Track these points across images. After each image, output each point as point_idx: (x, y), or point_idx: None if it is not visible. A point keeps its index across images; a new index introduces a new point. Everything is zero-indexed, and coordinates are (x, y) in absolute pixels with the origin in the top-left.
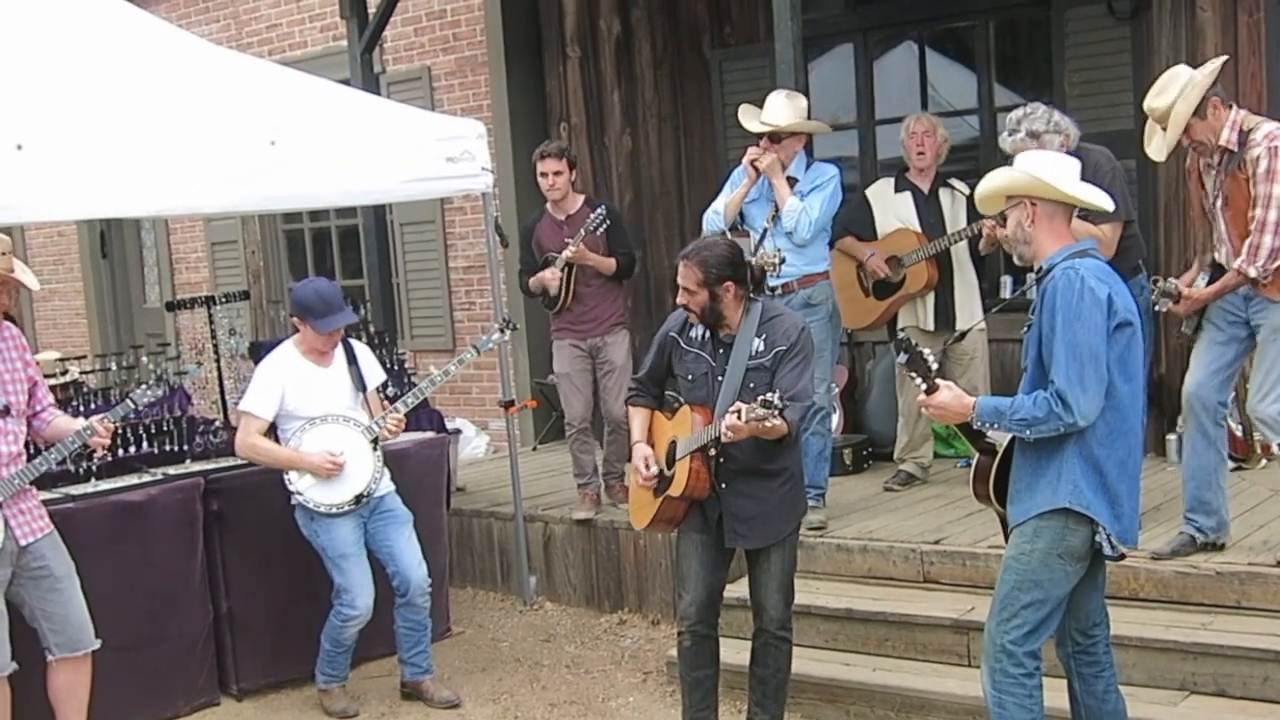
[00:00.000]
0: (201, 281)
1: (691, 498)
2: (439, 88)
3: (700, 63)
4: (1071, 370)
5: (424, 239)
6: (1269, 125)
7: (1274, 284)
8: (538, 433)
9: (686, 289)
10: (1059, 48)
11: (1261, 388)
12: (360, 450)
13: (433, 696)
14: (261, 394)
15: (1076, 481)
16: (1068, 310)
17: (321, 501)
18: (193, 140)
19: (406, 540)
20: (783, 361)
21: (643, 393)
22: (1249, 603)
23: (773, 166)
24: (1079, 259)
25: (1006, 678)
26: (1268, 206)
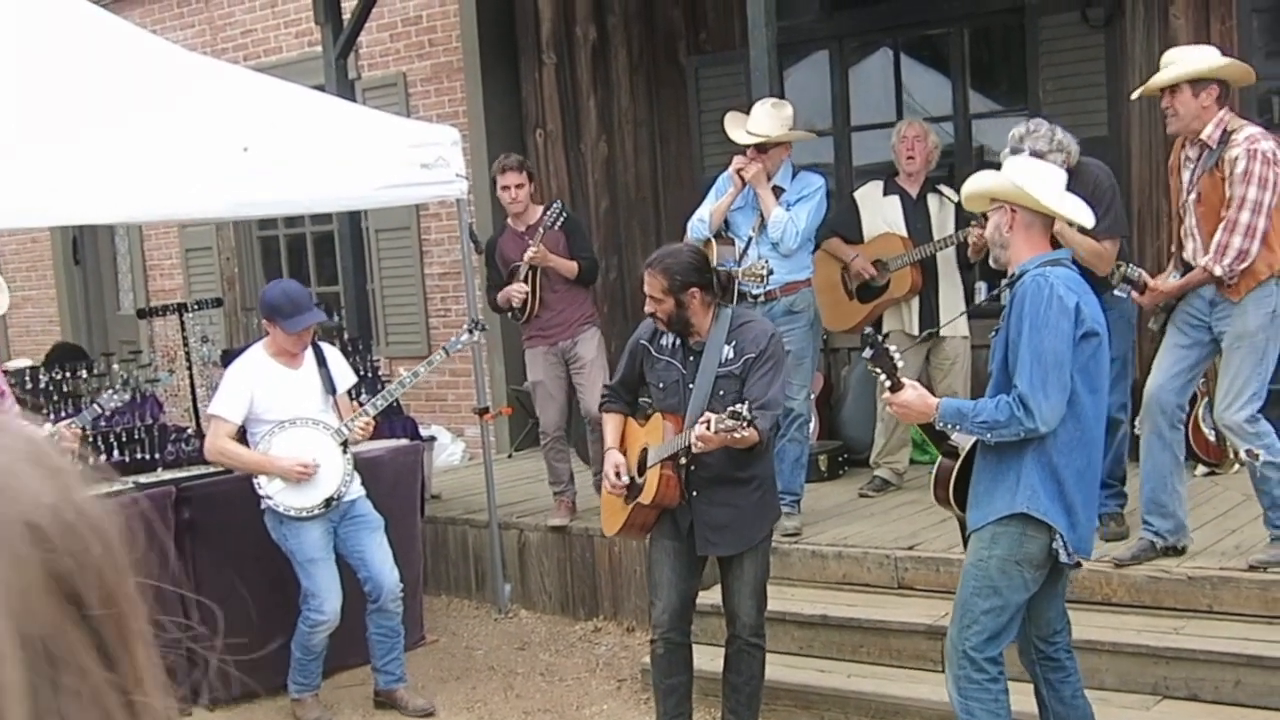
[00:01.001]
0: (175, 288)
1: (662, 505)
2: (414, 93)
3: (676, 69)
4: (1035, 375)
5: (399, 245)
6: (1251, 129)
7: (1237, 286)
8: (513, 440)
9: (653, 297)
10: (1033, 55)
11: (1226, 395)
12: (329, 454)
13: (407, 705)
14: (230, 397)
15: (1035, 488)
16: (1035, 316)
17: (290, 505)
18: (165, 147)
19: (378, 545)
20: (753, 369)
21: (615, 399)
22: (1221, 607)
23: (758, 177)
24: (1051, 267)
25: (971, 683)
26: (1240, 208)
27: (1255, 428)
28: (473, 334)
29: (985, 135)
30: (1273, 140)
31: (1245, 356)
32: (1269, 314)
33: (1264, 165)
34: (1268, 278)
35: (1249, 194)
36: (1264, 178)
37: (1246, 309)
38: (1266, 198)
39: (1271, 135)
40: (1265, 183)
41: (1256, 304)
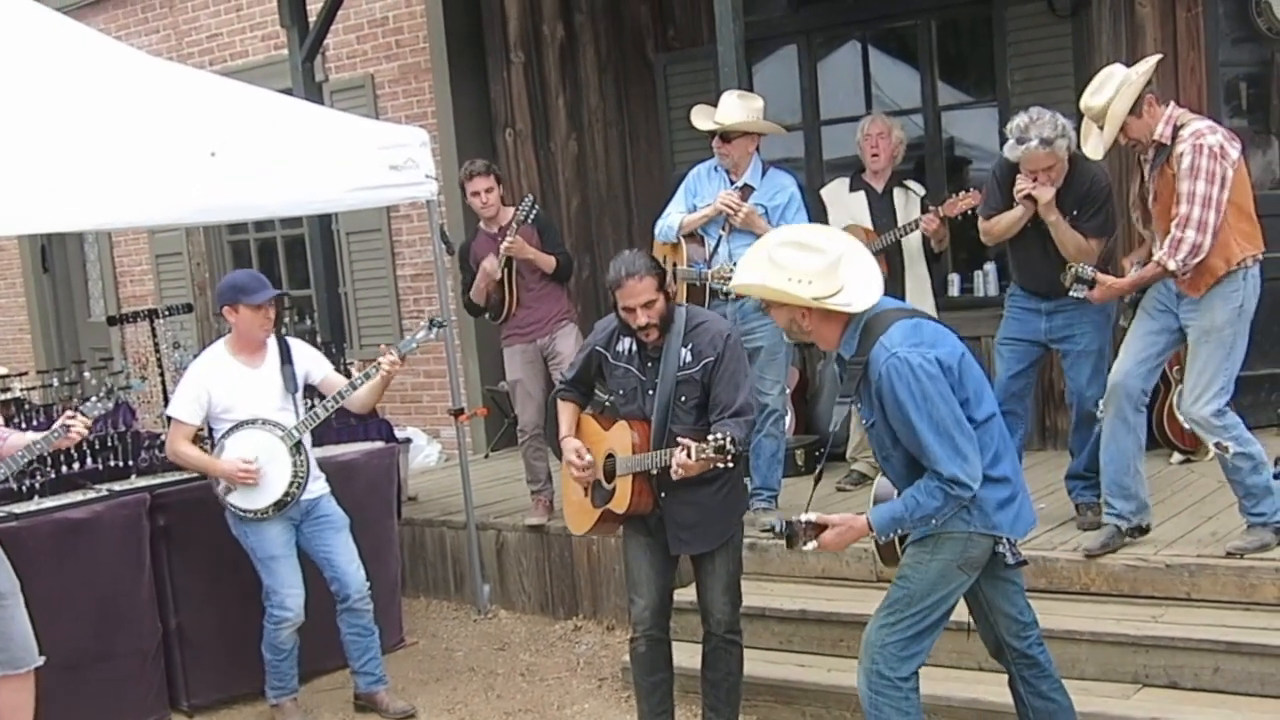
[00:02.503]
0: (146, 294)
1: (635, 514)
2: (382, 95)
3: (644, 66)
4: (946, 450)
5: (371, 248)
6: (1198, 123)
7: (1193, 281)
8: (489, 440)
9: (647, 303)
10: (1000, 45)
11: (1194, 390)
12: (278, 455)
13: (388, 708)
14: (185, 399)
15: (982, 506)
16: (913, 399)
17: (240, 506)
18: (132, 153)
19: (343, 545)
20: (716, 375)
21: (569, 390)
22: (1199, 594)
23: (749, 218)
24: (886, 339)
25: (882, 680)
26: (1191, 203)
27: (1222, 420)
28: (431, 331)
29: (954, 127)
30: (1221, 133)
31: (1213, 351)
32: (1236, 308)
33: (1210, 159)
34: (1226, 272)
35: (1197, 189)
36: (1211, 172)
37: (1214, 303)
38: (1215, 191)
39: (1221, 128)
40: (1213, 176)
41: (1224, 299)
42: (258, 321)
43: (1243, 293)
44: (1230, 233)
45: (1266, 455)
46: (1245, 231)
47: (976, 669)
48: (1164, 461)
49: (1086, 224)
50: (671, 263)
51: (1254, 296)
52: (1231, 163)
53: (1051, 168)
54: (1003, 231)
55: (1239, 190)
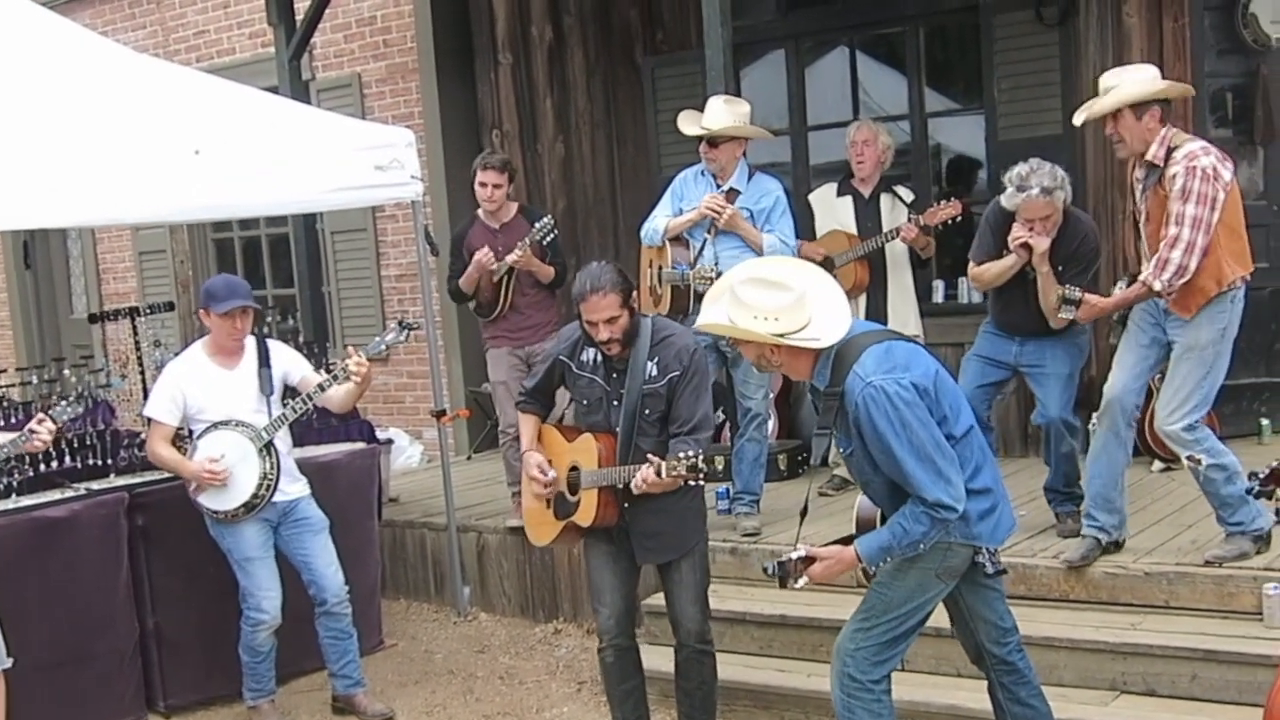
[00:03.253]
0: (129, 292)
1: (600, 527)
2: (369, 94)
3: (633, 69)
4: (929, 475)
5: (355, 247)
6: (1192, 145)
7: (1182, 301)
8: (472, 442)
9: (611, 318)
10: (988, 53)
11: (1169, 404)
12: (249, 457)
13: (366, 710)
14: (161, 399)
15: (965, 516)
16: (892, 427)
17: (211, 507)
18: (116, 150)
19: (321, 547)
20: (679, 389)
21: (532, 402)
22: (1177, 602)
23: (732, 221)
24: (860, 368)
25: (854, 683)
26: (1180, 224)
27: (1194, 435)
28: (400, 334)
29: (941, 133)
30: (1215, 155)
31: (1193, 368)
32: (1221, 330)
33: (1203, 182)
34: (1217, 294)
35: (1188, 210)
36: (1203, 194)
37: (1201, 323)
38: (1206, 214)
39: (1214, 149)
40: (1204, 199)
41: (1211, 319)
42: (225, 329)
43: (1229, 315)
44: (1221, 253)
45: (1240, 465)
46: (1235, 251)
47: (955, 675)
48: (1145, 469)
49: (1071, 281)
50: (658, 266)
51: (1238, 318)
52: (1224, 185)
53: (1049, 217)
54: (993, 279)
55: (1231, 211)
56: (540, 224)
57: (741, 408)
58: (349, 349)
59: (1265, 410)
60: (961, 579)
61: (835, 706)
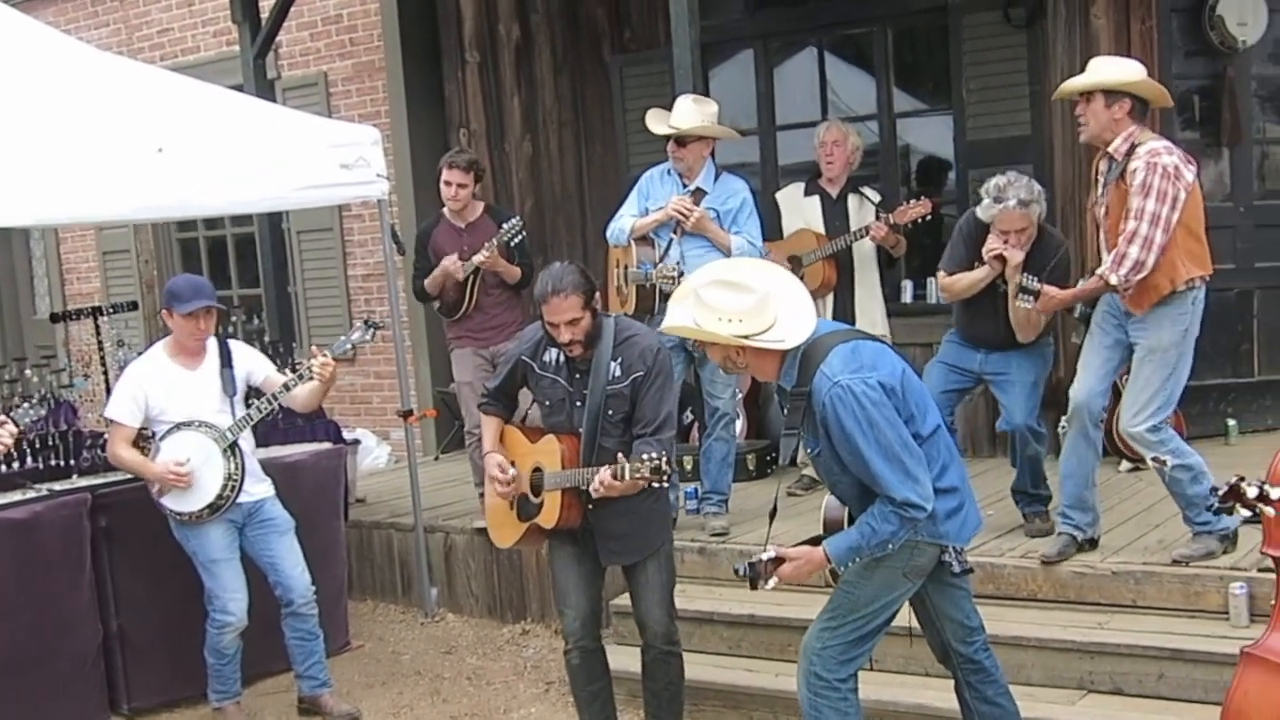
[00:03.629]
0: (93, 292)
1: (564, 529)
2: (335, 93)
3: (600, 68)
4: (896, 474)
5: (322, 247)
6: (1155, 143)
7: (1136, 298)
8: (439, 442)
9: (572, 320)
10: (956, 54)
11: (1132, 406)
12: (213, 458)
13: (332, 711)
14: (122, 401)
15: (932, 515)
16: (859, 427)
17: (174, 509)
18: (78, 148)
19: (288, 548)
20: (643, 389)
21: (494, 403)
22: (1144, 601)
23: (700, 224)
24: (826, 368)
25: (820, 681)
26: (1139, 219)
27: (1158, 436)
28: (366, 333)
29: (910, 134)
30: (1178, 155)
31: (1155, 370)
32: (1182, 331)
33: (1163, 179)
34: (1170, 292)
35: (1147, 206)
36: (1163, 191)
37: (1162, 324)
38: (1165, 211)
39: (1178, 150)
40: (1164, 196)
41: (1172, 320)
42: (188, 330)
43: (1190, 316)
44: (1177, 252)
45: (1206, 465)
46: (1193, 252)
47: (924, 674)
48: (1113, 469)
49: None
50: (624, 265)
51: (1199, 319)
52: (1185, 184)
53: (1024, 230)
54: (963, 290)
55: (1190, 212)
56: (508, 225)
57: (709, 407)
58: (314, 349)
59: (1232, 411)
60: (928, 578)
61: (802, 706)
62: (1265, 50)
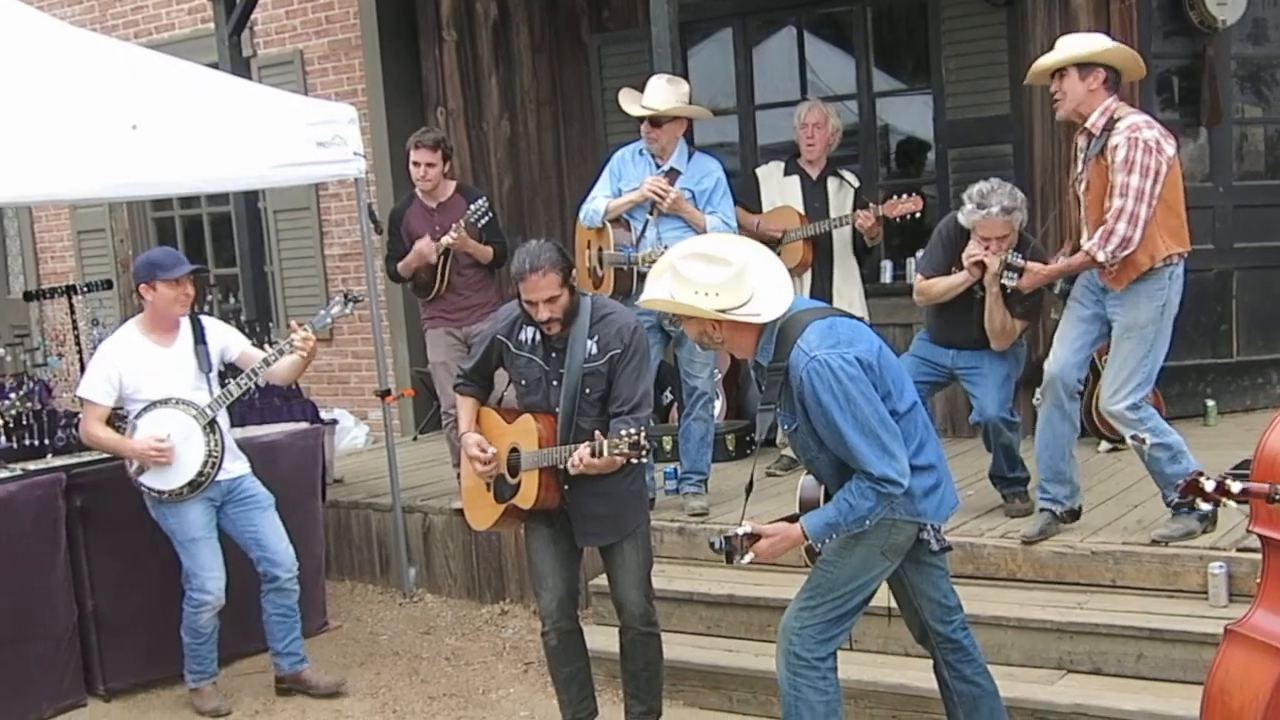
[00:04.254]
0: (68, 271)
1: (541, 509)
2: (312, 72)
3: (579, 47)
4: (874, 450)
5: (299, 226)
6: (1134, 117)
7: (1118, 275)
8: (418, 422)
9: (551, 298)
10: (936, 34)
11: (1112, 384)
12: (191, 435)
13: (317, 684)
14: (96, 380)
15: (910, 493)
16: (836, 401)
17: (154, 487)
18: (50, 126)
19: (271, 523)
20: (619, 367)
21: (470, 384)
22: (1124, 581)
23: (677, 204)
24: (803, 343)
25: (799, 661)
26: (1125, 195)
27: (1138, 414)
28: (345, 306)
29: (889, 113)
30: (1158, 129)
31: (1134, 348)
32: (1160, 307)
33: (1145, 153)
34: (1149, 268)
35: (1131, 182)
36: (1146, 165)
37: (1139, 300)
38: (1149, 186)
39: (1157, 124)
40: (1147, 170)
41: (1149, 296)
42: (175, 297)
43: (1167, 292)
44: (1157, 229)
45: (1185, 445)
46: (1172, 228)
47: (903, 654)
48: (1092, 449)
49: (1018, 305)
50: (597, 247)
51: (1178, 296)
52: (1167, 159)
53: (1005, 237)
54: (940, 294)
55: (1170, 188)
56: (475, 205)
57: (688, 387)
58: (294, 323)
59: (1211, 392)
60: (906, 557)
61: (781, 685)
62: (1245, 30)
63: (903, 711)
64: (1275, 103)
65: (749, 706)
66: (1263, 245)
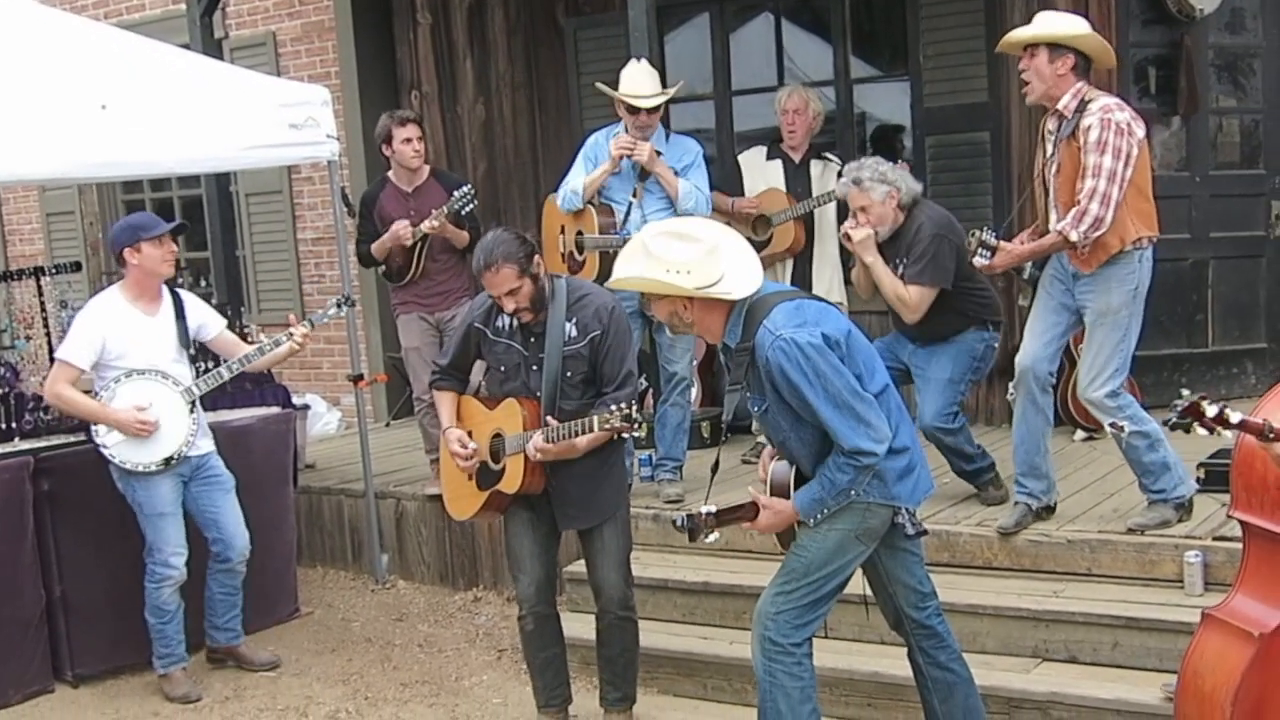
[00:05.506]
0: (37, 254)
1: (525, 493)
2: (285, 54)
3: (554, 31)
4: (848, 423)
5: (271, 209)
6: (1106, 99)
7: (1088, 257)
8: (390, 408)
9: (510, 291)
10: (913, 20)
11: (1089, 372)
12: (176, 411)
13: (253, 659)
14: (80, 342)
15: (882, 477)
16: (805, 378)
17: (128, 459)
18: (17, 105)
19: (230, 506)
20: (601, 349)
21: (447, 378)
22: (1099, 570)
23: (653, 160)
24: (769, 323)
25: (775, 647)
26: (1097, 176)
27: (1116, 402)
28: (340, 309)
29: (867, 100)
30: (1129, 111)
31: (1108, 334)
32: (1131, 290)
33: (1117, 135)
34: (1120, 250)
35: (1104, 163)
36: (1118, 147)
37: (1111, 286)
38: (1120, 167)
39: (1128, 107)
40: (1119, 152)
41: (1120, 281)
42: (161, 256)
43: (1138, 275)
44: (1127, 212)
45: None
46: (1143, 211)
47: (879, 643)
48: (1067, 439)
49: (908, 271)
50: (575, 231)
51: (1148, 278)
52: (1137, 140)
53: (866, 209)
54: (866, 285)
55: (1140, 171)
56: (460, 193)
57: (666, 373)
58: (291, 317)
59: (1186, 381)
60: (881, 542)
61: (756, 671)
62: (1222, 19)
63: (878, 699)
64: (1252, 93)
65: (724, 694)
66: (1238, 235)
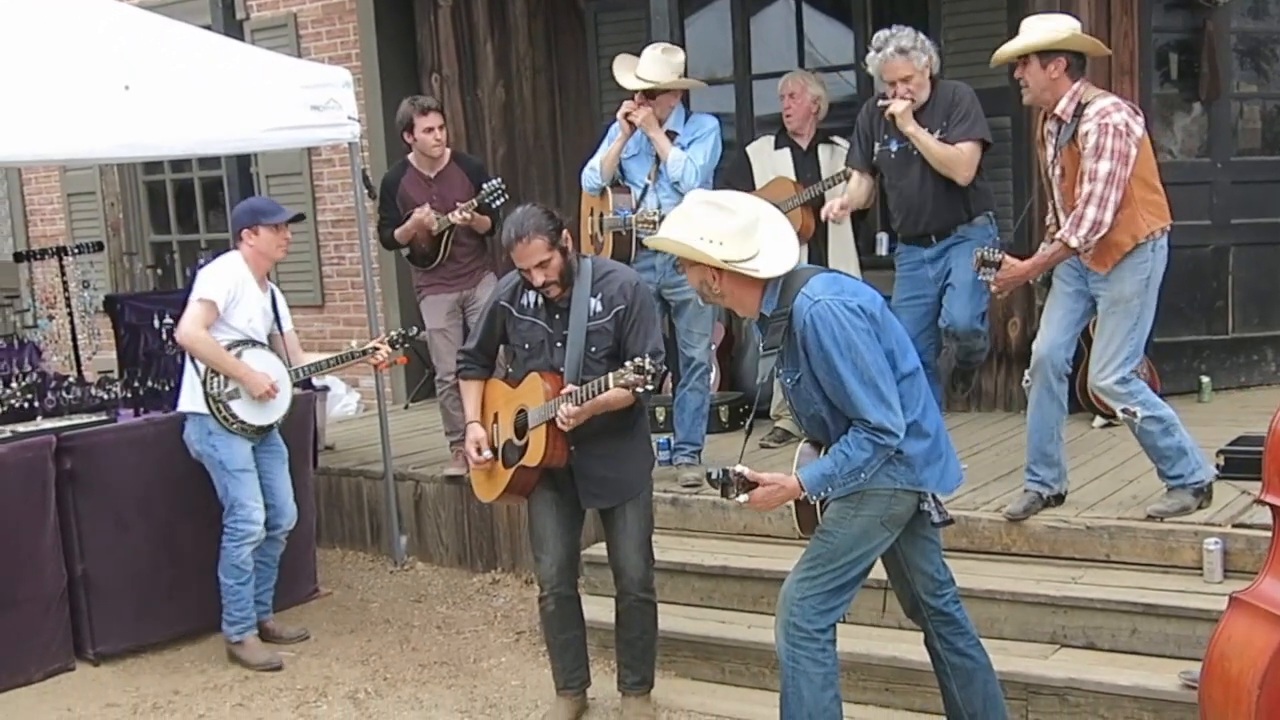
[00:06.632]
0: (58, 234)
1: (548, 466)
2: (305, 35)
3: (575, 15)
4: (871, 398)
5: (291, 191)
6: (1104, 101)
7: (1099, 257)
8: (409, 390)
9: (540, 264)
10: (935, 5)
11: (1100, 359)
12: (284, 383)
13: (281, 634)
14: (219, 286)
15: (909, 462)
16: (837, 346)
17: (239, 417)
18: (42, 85)
19: (285, 475)
20: (627, 324)
21: (473, 364)
22: (1118, 556)
23: (648, 120)
24: (808, 290)
25: (799, 632)
26: (1094, 180)
27: (1127, 388)
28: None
29: None
30: (1126, 111)
31: (1120, 322)
32: (1144, 280)
33: (1115, 138)
34: (1133, 247)
35: (1101, 168)
36: (1116, 150)
37: (1124, 275)
38: (1119, 170)
39: (1125, 105)
40: (1117, 155)
41: (1133, 270)
42: (277, 242)
43: (1151, 264)
44: (1137, 207)
45: (1178, 419)
46: (1152, 203)
47: (897, 628)
48: (1086, 425)
49: (954, 131)
50: (599, 213)
51: (1161, 267)
52: (1136, 140)
53: (909, 79)
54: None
55: (1144, 164)
56: (489, 186)
57: (684, 357)
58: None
59: (1205, 368)
60: (903, 529)
61: (780, 656)
62: (1245, 4)
63: (896, 684)
64: (1274, 78)
65: (741, 678)
66: (1260, 221)
